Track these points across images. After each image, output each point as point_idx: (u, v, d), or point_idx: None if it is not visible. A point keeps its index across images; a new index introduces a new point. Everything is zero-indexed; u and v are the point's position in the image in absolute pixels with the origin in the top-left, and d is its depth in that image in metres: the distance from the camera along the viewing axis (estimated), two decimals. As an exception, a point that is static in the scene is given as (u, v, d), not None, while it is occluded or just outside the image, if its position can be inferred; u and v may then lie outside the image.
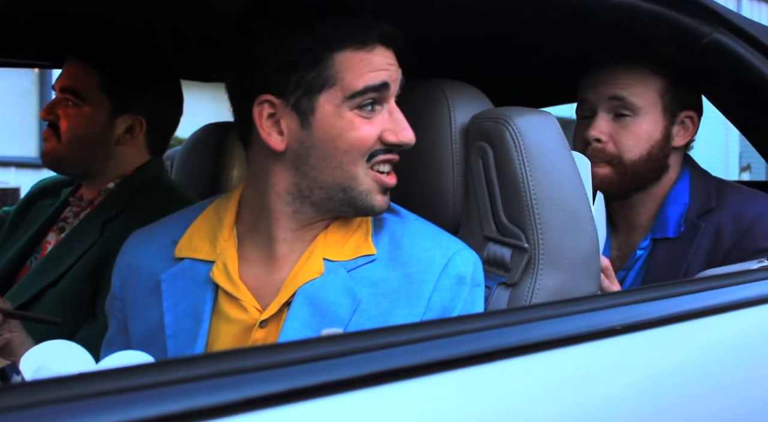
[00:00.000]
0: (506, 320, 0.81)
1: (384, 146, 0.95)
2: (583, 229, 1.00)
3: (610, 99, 1.36)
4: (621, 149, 1.36)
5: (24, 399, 0.57)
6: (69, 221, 1.47)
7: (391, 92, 0.96)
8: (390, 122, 0.95)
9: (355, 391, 0.68)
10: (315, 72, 0.92)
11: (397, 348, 0.72)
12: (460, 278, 0.96)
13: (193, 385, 0.63)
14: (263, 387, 0.64)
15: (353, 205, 0.96)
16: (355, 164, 0.94)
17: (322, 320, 0.92)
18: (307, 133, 0.93)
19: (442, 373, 0.74)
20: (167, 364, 0.69)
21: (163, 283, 0.99)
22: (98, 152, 1.44)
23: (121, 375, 0.65)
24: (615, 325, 0.86)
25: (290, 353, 0.69)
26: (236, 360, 0.67)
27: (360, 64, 0.92)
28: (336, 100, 0.92)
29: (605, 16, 1.08)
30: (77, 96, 1.41)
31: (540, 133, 1.01)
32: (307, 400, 0.65)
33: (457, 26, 1.20)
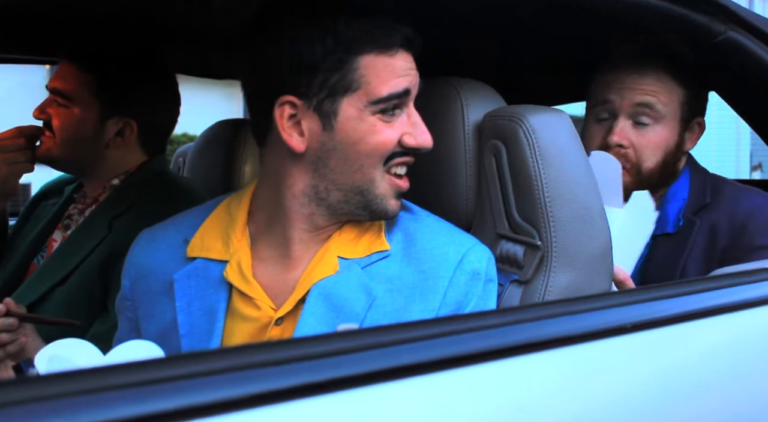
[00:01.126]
0: (520, 317, 0.81)
1: (402, 148, 0.96)
2: (596, 227, 1.00)
3: (637, 105, 1.34)
4: (641, 157, 1.35)
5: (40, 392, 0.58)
6: (74, 219, 1.48)
7: (411, 96, 0.97)
8: (409, 126, 0.96)
9: (371, 386, 0.69)
10: (339, 75, 0.92)
11: (412, 344, 0.73)
12: (475, 273, 0.96)
13: (210, 379, 0.64)
14: (280, 382, 0.65)
15: (368, 208, 0.96)
16: (374, 168, 0.95)
17: (338, 316, 0.93)
18: (328, 135, 0.93)
19: (457, 369, 0.74)
20: (184, 358, 0.70)
21: (176, 283, 0.99)
22: (91, 153, 1.44)
23: (137, 369, 0.66)
24: (626, 323, 0.87)
25: (306, 348, 0.69)
26: (253, 354, 0.68)
27: (384, 70, 0.93)
28: (359, 105, 0.93)
29: (619, 14, 1.08)
30: (65, 98, 1.41)
31: (553, 131, 1.01)
32: (322, 395, 0.66)
33: (471, 24, 1.20)
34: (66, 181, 1.59)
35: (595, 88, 1.40)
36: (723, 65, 1.28)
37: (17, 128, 1.47)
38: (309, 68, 0.92)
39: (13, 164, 1.45)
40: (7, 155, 1.45)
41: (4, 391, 0.59)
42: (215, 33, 1.29)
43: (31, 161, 1.47)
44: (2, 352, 1.06)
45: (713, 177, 1.42)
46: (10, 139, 1.45)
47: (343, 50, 0.92)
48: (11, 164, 1.45)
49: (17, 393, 0.58)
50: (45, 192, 1.60)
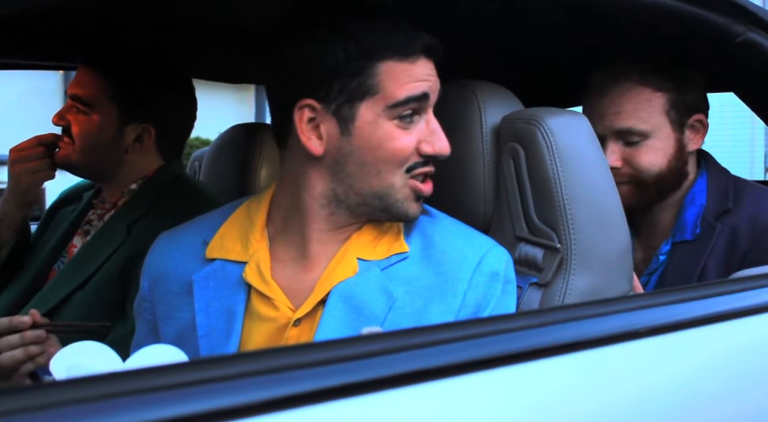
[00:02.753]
0: (543, 320, 0.81)
1: (420, 157, 0.96)
2: (615, 229, 1.00)
3: (616, 132, 1.35)
4: (638, 169, 1.36)
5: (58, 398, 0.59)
6: (93, 224, 1.49)
7: (430, 102, 0.97)
8: (427, 133, 0.96)
9: (394, 390, 0.69)
10: (358, 80, 0.93)
11: (435, 348, 0.73)
12: (493, 275, 0.96)
13: (236, 383, 0.65)
14: (303, 385, 0.65)
15: (388, 211, 0.97)
16: (393, 174, 0.95)
17: (358, 318, 0.93)
18: (346, 140, 0.94)
19: (477, 373, 0.74)
20: (209, 362, 0.70)
21: (195, 284, 1.00)
22: (110, 159, 1.45)
23: (160, 373, 0.66)
24: (647, 326, 0.86)
25: (332, 351, 0.70)
26: (279, 357, 0.68)
27: (403, 75, 0.94)
28: (377, 109, 0.94)
29: (639, 17, 1.08)
30: (85, 104, 1.42)
31: (572, 133, 1.01)
32: (346, 398, 0.66)
33: (488, 28, 1.20)
34: (84, 187, 1.60)
35: (584, 113, 1.40)
36: (742, 66, 1.28)
37: (36, 137, 1.49)
38: (329, 73, 0.93)
39: (35, 172, 1.47)
40: (28, 164, 1.46)
41: (31, 396, 0.60)
42: (234, 38, 1.30)
43: (52, 169, 1.49)
44: (32, 364, 1.06)
45: (735, 179, 1.41)
46: (30, 148, 1.47)
47: (364, 57, 0.93)
48: (33, 172, 1.47)
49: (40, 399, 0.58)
50: (64, 199, 1.61)
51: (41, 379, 0.87)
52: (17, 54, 1.54)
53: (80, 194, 1.59)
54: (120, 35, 1.37)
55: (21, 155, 1.47)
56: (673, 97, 1.36)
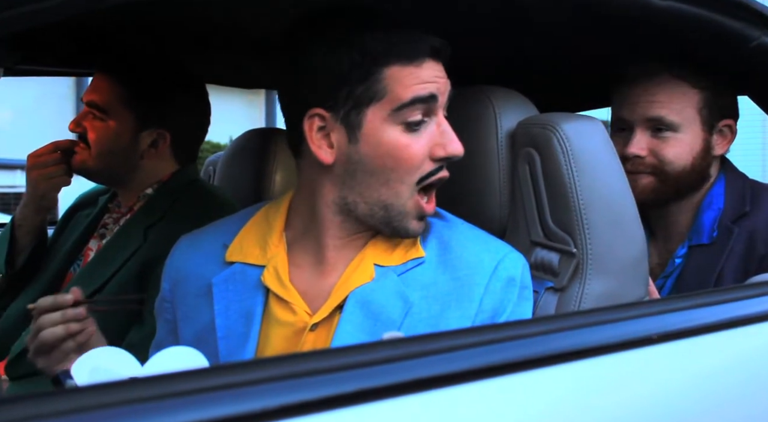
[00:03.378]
0: (559, 325, 0.81)
1: (434, 162, 0.96)
2: (631, 234, 1.00)
3: (648, 120, 1.36)
4: (663, 160, 1.36)
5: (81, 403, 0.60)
6: (109, 228, 1.50)
7: (440, 104, 0.96)
8: (438, 135, 0.95)
9: (412, 395, 0.70)
10: (364, 86, 0.93)
11: (453, 353, 0.74)
12: (510, 280, 0.97)
13: (255, 388, 0.65)
14: (322, 391, 0.66)
15: (390, 225, 0.97)
16: (402, 183, 0.95)
17: (375, 323, 0.94)
18: (354, 148, 0.94)
19: (495, 378, 0.75)
20: (228, 368, 0.71)
21: (215, 286, 1.01)
22: (125, 165, 1.46)
23: (179, 379, 0.67)
24: (656, 333, 0.86)
25: (351, 356, 0.70)
26: (298, 363, 0.69)
27: (409, 78, 0.93)
28: (383, 114, 0.93)
29: (654, 21, 1.08)
30: (101, 110, 1.43)
31: (587, 138, 1.01)
32: (363, 404, 0.67)
33: (502, 34, 1.21)
34: (100, 191, 1.61)
35: (613, 104, 1.41)
36: (756, 69, 1.27)
37: (53, 143, 1.51)
38: (336, 81, 0.93)
39: (51, 178, 1.48)
40: (45, 170, 1.48)
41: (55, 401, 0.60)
42: (246, 45, 1.31)
43: (69, 175, 1.50)
44: (73, 342, 1.06)
45: (752, 183, 1.41)
46: (47, 154, 1.48)
47: (370, 62, 0.93)
48: (49, 178, 1.48)
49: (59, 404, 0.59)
50: (80, 203, 1.63)
51: (63, 384, 0.88)
52: (35, 61, 1.55)
53: (96, 198, 1.60)
54: (135, 42, 1.39)
55: (38, 160, 1.48)
56: (707, 97, 1.37)
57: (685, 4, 1.07)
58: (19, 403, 0.60)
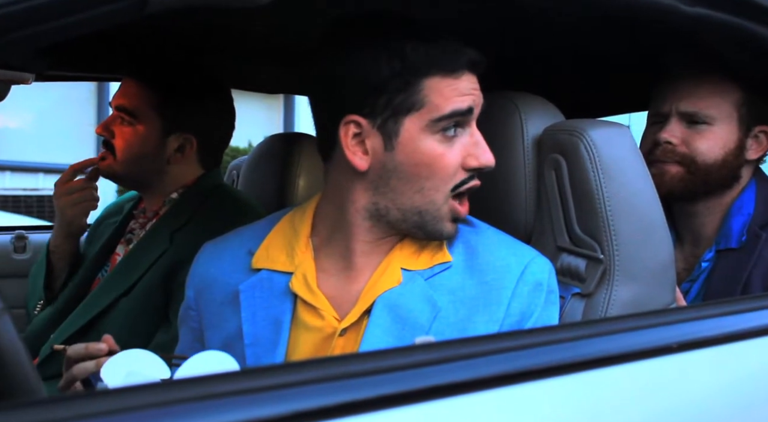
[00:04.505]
0: (587, 332, 0.81)
1: (466, 172, 0.96)
2: (658, 240, 1.00)
3: (684, 113, 1.36)
4: (694, 151, 1.36)
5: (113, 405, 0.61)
6: (136, 233, 1.52)
7: (474, 116, 0.97)
8: (471, 146, 0.96)
9: (441, 400, 0.70)
10: (404, 95, 0.93)
11: (481, 358, 0.74)
12: (537, 284, 0.97)
13: (286, 391, 0.66)
14: (351, 395, 0.67)
15: (424, 229, 0.97)
16: (436, 190, 0.96)
17: (403, 327, 0.94)
18: (390, 155, 0.95)
19: (522, 384, 0.75)
20: (261, 371, 0.72)
21: (242, 293, 1.01)
22: (152, 169, 1.48)
23: (212, 382, 0.68)
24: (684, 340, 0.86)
25: (380, 361, 0.71)
26: (328, 366, 0.70)
27: (448, 90, 0.94)
28: (421, 124, 0.94)
29: (681, 28, 1.08)
30: (131, 115, 1.45)
31: (615, 145, 1.01)
32: (392, 408, 0.67)
33: (530, 40, 1.21)
34: (126, 200, 1.63)
35: (651, 101, 1.42)
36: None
37: (71, 168, 1.54)
38: (374, 89, 0.94)
39: (78, 204, 1.51)
40: (71, 197, 1.51)
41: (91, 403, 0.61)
42: (277, 53, 1.32)
43: (95, 199, 1.53)
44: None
45: None
46: (71, 181, 1.51)
47: (410, 73, 0.93)
48: (75, 204, 1.52)
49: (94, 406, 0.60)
50: (107, 213, 1.65)
51: (93, 386, 0.89)
52: (65, 67, 1.58)
53: (122, 207, 1.62)
54: (165, 49, 1.40)
55: (63, 188, 1.51)
56: (748, 96, 1.37)
57: (713, 10, 1.06)
58: (54, 405, 0.62)
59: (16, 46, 0.69)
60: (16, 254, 1.99)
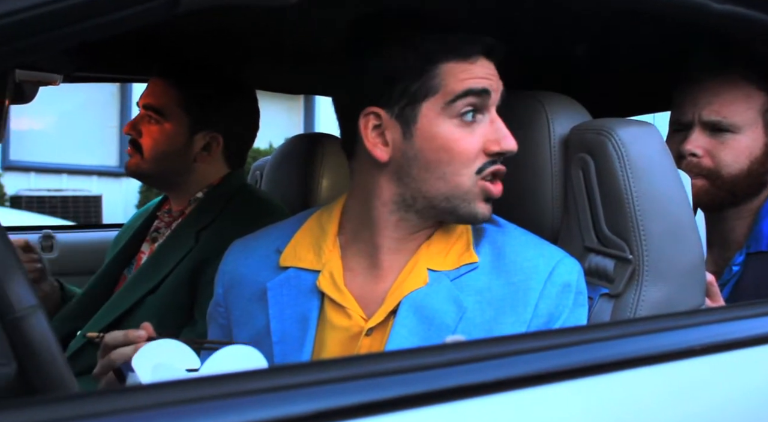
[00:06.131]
0: (617, 332, 0.81)
1: (488, 157, 0.96)
2: (688, 241, 0.99)
3: (707, 122, 1.33)
4: (719, 163, 1.33)
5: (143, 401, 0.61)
6: (161, 231, 1.53)
7: (492, 101, 0.97)
8: (491, 132, 0.96)
9: (468, 400, 0.70)
10: (419, 82, 0.94)
11: (508, 358, 0.73)
12: (566, 285, 0.96)
13: (313, 389, 0.66)
14: (378, 393, 0.67)
15: (456, 213, 0.97)
16: (459, 175, 0.95)
17: (429, 327, 0.94)
18: (409, 143, 0.95)
19: (550, 385, 0.74)
20: (290, 369, 0.72)
21: (269, 291, 1.02)
22: (178, 168, 1.49)
23: (242, 379, 0.68)
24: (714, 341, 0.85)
25: (407, 360, 0.71)
26: (356, 365, 0.70)
27: (463, 73, 0.95)
28: (437, 108, 0.94)
29: (708, 25, 1.06)
30: (159, 113, 1.46)
31: (643, 144, 1.00)
32: (418, 407, 0.67)
33: (558, 39, 1.20)
34: (153, 206, 1.65)
35: (672, 105, 1.40)
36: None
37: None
38: (391, 79, 0.94)
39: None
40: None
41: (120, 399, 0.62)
42: (299, 52, 1.32)
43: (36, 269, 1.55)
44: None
45: None
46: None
47: (425, 60, 0.94)
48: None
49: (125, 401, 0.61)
50: (135, 217, 1.67)
51: (125, 375, 0.90)
52: (93, 68, 1.59)
53: (148, 210, 1.64)
54: (191, 50, 1.41)
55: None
56: None
57: (742, 6, 1.05)
58: (86, 399, 0.62)
59: (47, 47, 0.69)
60: (43, 254, 2.02)
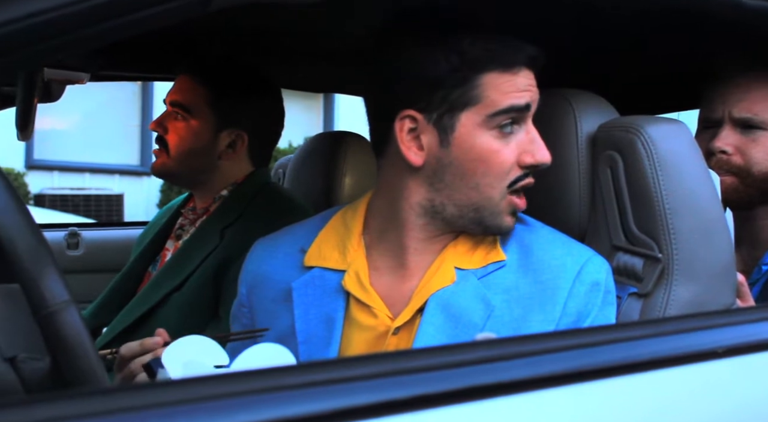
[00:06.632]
0: (648, 331, 0.80)
1: (521, 169, 0.96)
2: (718, 240, 0.98)
3: (737, 118, 1.32)
4: (749, 161, 1.32)
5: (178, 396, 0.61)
6: (186, 229, 1.54)
7: (531, 113, 0.97)
8: (527, 143, 0.96)
9: (499, 398, 0.69)
10: (460, 90, 0.93)
11: (537, 357, 0.73)
12: (595, 284, 0.96)
13: (343, 386, 0.66)
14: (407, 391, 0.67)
15: (482, 224, 0.97)
16: (492, 187, 0.95)
17: (456, 326, 0.93)
18: (445, 151, 0.95)
19: (580, 384, 0.74)
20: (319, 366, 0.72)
21: (294, 291, 1.01)
22: (204, 165, 1.49)
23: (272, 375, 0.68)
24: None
25: (435, 358, 0.71)
26: (384, 362, 0.70)
27: (505, 85, 0.94)
28: (477, 119, 0.94)
29: (740, 21, 1.05)
30: (185, 110, 1.47)
31: (673, 142, 0.99)
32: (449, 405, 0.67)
33: (587, 36, 1.19)
34: (176, 204, 1.66)
35: (702, 102, 1.38)
36: None
37: None
38: (431, 84, 0.93)
39: None
40: None
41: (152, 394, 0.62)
42: (331, 50, 1.32)
43: None
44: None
45: None
46: None
47: (468, 68, 0.93)
48: None
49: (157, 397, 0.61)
50: (159, 215, 1.67)
51: (154, 371, 0.90)
52: (119, 67, 1.61)
53: (172, 208, 1.65)
54: (222, 47, 1.42)
55: None
56: None
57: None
58: (119, 394, 0.63)
59: (79, 45, 0.70)
60: (69, 251, 2.04)
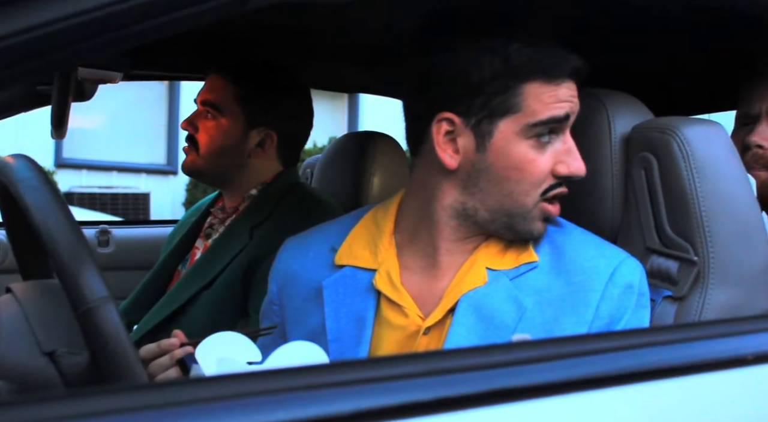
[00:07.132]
0: (685, 335, 0.79)
1: (556, 178, 0.95)
2: (756, 243, 0.97)
3: None
4: None
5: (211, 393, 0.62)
6: (215, 228, 1.55)
7: (569, 123, 0.96)
8: (563, 153, 0.95)
9: (531, 401, 0.69)
10: (502, 98, 0.93)
11: (569, 360, 0.72)
12: (628, 286, 0.95)
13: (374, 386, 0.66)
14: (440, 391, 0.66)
15: (513, 229, 0.97)
16: (526, 195, 0.94)
17: (488, 327, 0.93)
18: (481, 156, 0.94)
19: (613, 387, 0.73)
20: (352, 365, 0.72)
21: (325, 289, 1.01)
22: (233, 164, 1.50)
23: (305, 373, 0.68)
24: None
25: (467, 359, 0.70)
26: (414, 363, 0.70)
27: (547, 96, 0.93)
28: (516, 128, 0.93)
29: None
30: (216, 109, 1.48)
31: (709, 143, 0.98)
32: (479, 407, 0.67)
33: (622, 36, 1.18)
34: (206, 203, 1.67)
35: (740, 99, 1.37)
36: None
37: None
38: (472, 89, 0.93)
39: None
40: None
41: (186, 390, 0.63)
42: (363, 50, 1.32)
43: None
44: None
45: None
46: None
47: (511, 75, 0.92)
48: None
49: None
50: (189, 214, 1.69)
51: (188, 366, 0.91)
52: (151, 66, 1.62)
53: (201, 207, 1.66)
54: (254, 47, 1.42)
55: None
56: None
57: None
58: (155, 390, 0.63)
59: (117, 45, 0.70)
60: (100, 248, 2.07)
